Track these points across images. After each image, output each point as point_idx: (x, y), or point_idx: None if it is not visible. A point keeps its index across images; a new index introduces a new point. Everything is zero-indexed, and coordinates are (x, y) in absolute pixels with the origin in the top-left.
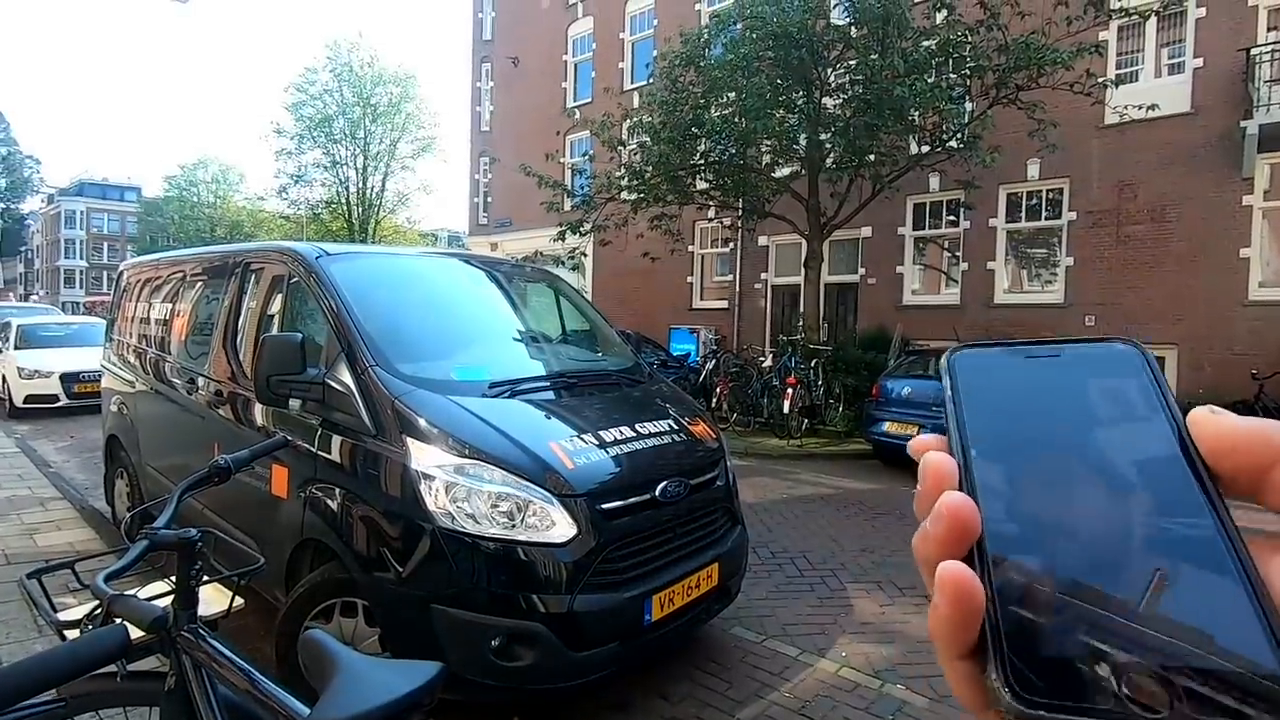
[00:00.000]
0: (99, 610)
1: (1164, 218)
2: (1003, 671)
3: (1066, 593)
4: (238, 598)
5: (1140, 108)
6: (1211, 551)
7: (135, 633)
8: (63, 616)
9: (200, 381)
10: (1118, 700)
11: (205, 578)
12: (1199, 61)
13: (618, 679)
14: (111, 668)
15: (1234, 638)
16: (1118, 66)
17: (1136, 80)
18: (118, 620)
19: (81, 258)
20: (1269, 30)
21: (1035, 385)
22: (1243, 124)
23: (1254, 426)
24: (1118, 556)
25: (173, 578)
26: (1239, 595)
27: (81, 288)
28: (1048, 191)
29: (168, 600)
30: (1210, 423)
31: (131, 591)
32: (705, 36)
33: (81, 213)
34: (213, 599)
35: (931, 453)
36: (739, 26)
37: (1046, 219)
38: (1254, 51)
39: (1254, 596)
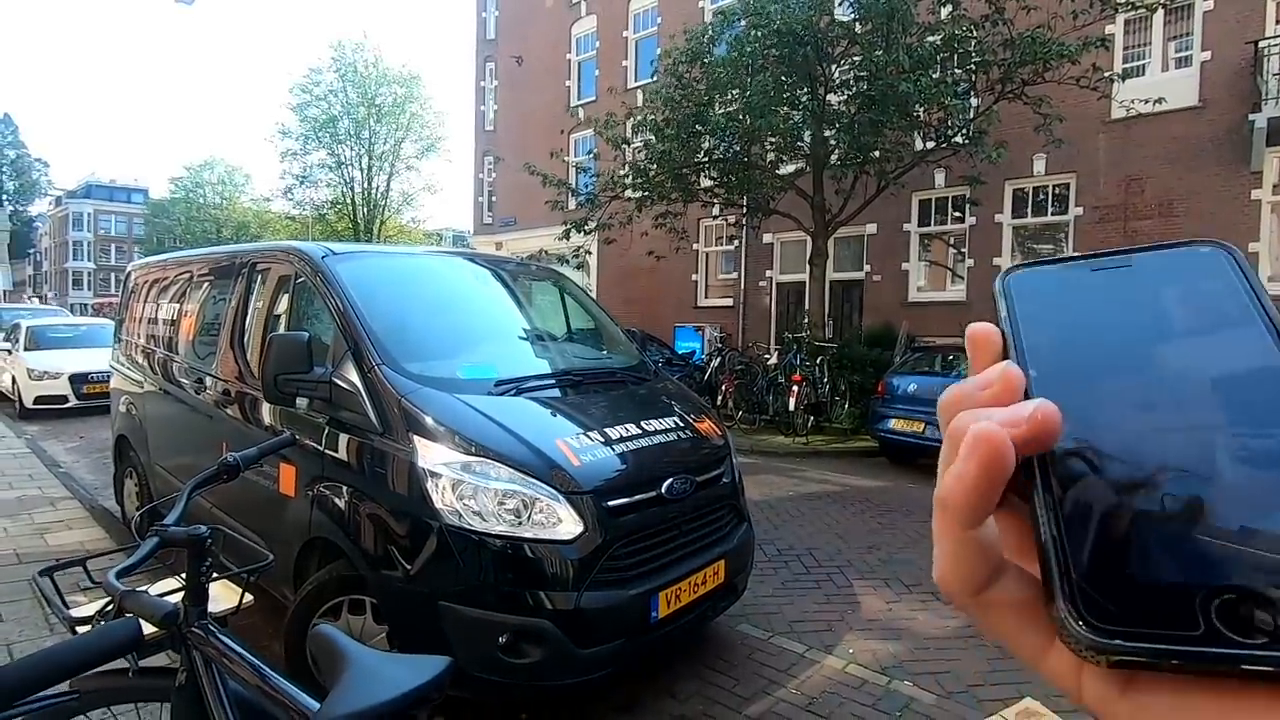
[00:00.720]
0: (110, 606)
1: (1172, 213)
2: (1070, 599)
3: (1145, 512)
4: (247, 594)
5: (1147, 102)
6: None
7: (147, 628)
8: (75, 613)
9: (208, 381)
10: (1208, 627)
11: (215, 574)
12: (1206, 55)
13: (625, 676)
14: (123, 663)
15: None
16: (1124, 60)
17: (1143, 74)
18: (129, 616)
19: (89, 259)
20: (1278, 23)
21: (1103, 300)
22: (1251, 117)
23: None
24: (1204, 473)
25: (183, 575)
26: None
27: (90, 289)
28: (1054, 187)
29: (178, 596)
30: None
31: (142, 588)
32: (709, 34)
33: (89, 215)
34: (222, 596)
35: (1010, 364)
36: (743, 23)
37: (1053, 215)
38: (1262, 44)
39: None
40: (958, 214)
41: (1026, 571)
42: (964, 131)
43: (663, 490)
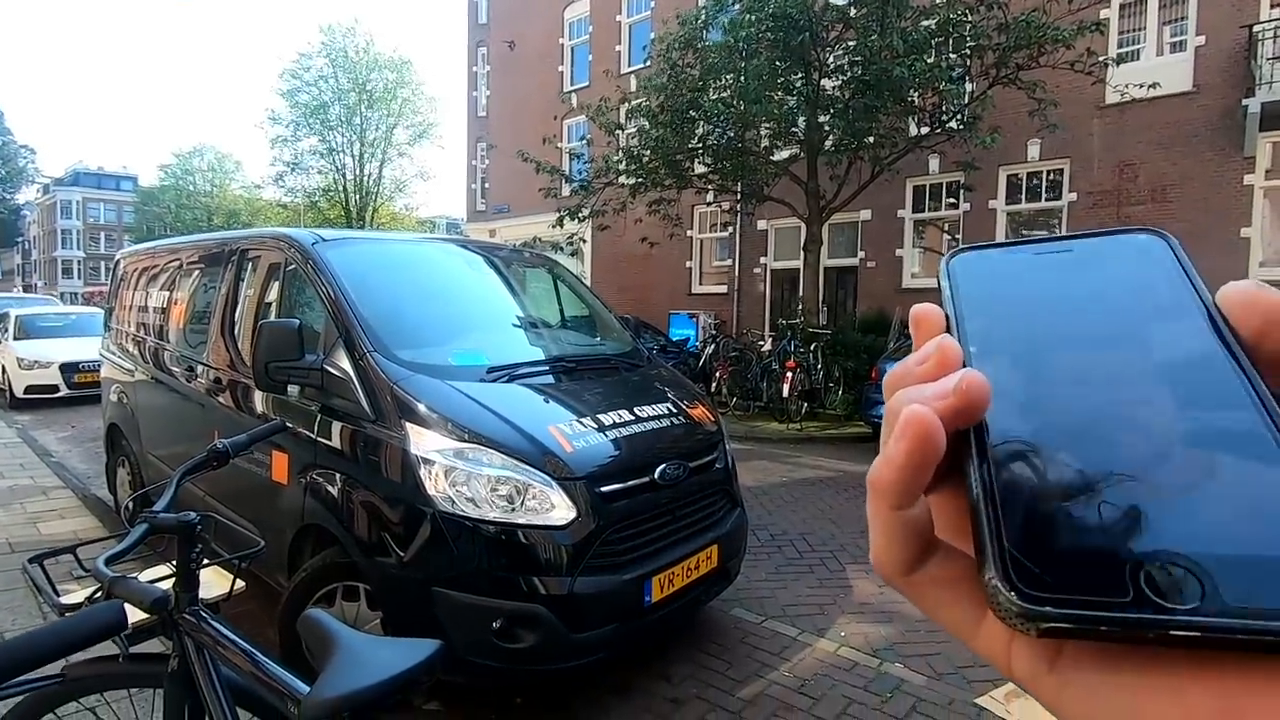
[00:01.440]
0: (100, 593)
1: (1165, 198)
2: (1001, 567)
3: (1075, 481)
4: (239, 580)
5: (1141, 87)
6: (1249, 437)
7: (137, 615)
8: (65, 600)
9: (199, 369)
10: (1137, 594)
11: (206, 561)
12: (1201, 39)
13: (619, 660)
14: (114, 650)
15: (1274, 523)
16: (1119, 45)
17: (1138, 59)
18: (117, 600)
19: (79, 248)
20: (1272, 7)
21: (1043, 282)
22: (1244, 102)
23: None
24: (1135, 445)
25: (173, 561)
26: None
27: (79, 278)
28: (1048, 172)
29: (169, 583)
30: (1251, 298)
31: (133, 575)
32: (703, 18)
33: (77, 203)
34: (214, 582)
35: (946, 336)
36: (737, 8)
37: (1047, 200)
38: (1256, 29)
39: None
40: (952, 200)
41: (958, 549)
42: (958, 117)
43: (656, 476)
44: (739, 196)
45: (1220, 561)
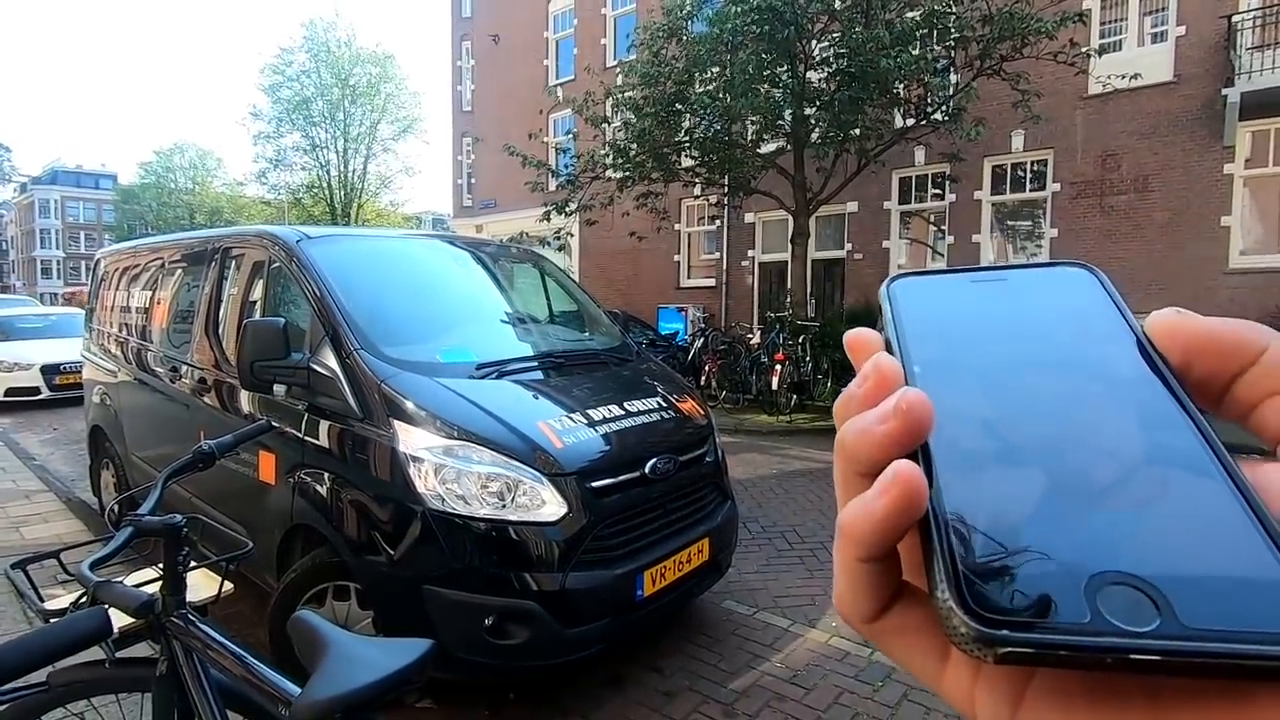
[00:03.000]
0: (85, 598)
1: (1147, 187)
2: (955, 591)
3: (1025, 506)
4: (227, 583)
5: (1123, 77)
6: (1190, 459)
7: (123, 620)
8: (49, 606)
9: (183, 369)
10: (1095, 615)
11: (193, 563)
12: (1181, 30)
13: (611, 654)
14: (100, 655)
15: (1225, 544)
16: (1101, 35)
17: (1120, 49)
18: (102, 606)
19: (58, 248)
20: None
21: (981, 308)
22: (1224, 92)
23: (1221, 327)
24: (1085, 468)
25: (160, 565)
26: (1225, 500)
27: (59, 278)
28: (1032, 163)
29: (156, 587)
30: (1176, 324)
31: (119, 579)
32: (687, 9)
33: (56, 202)
34: (202, 585)
35: (882, 354)
36: (721, 0)
37: (1031, 191)
38: (1235, 19)
39: (1244, 501)
40: (937, 191)
41: (923, 593)
42: (943, 108)
43: (646, 470)
44: (726, 189)
45: (1174, 583)
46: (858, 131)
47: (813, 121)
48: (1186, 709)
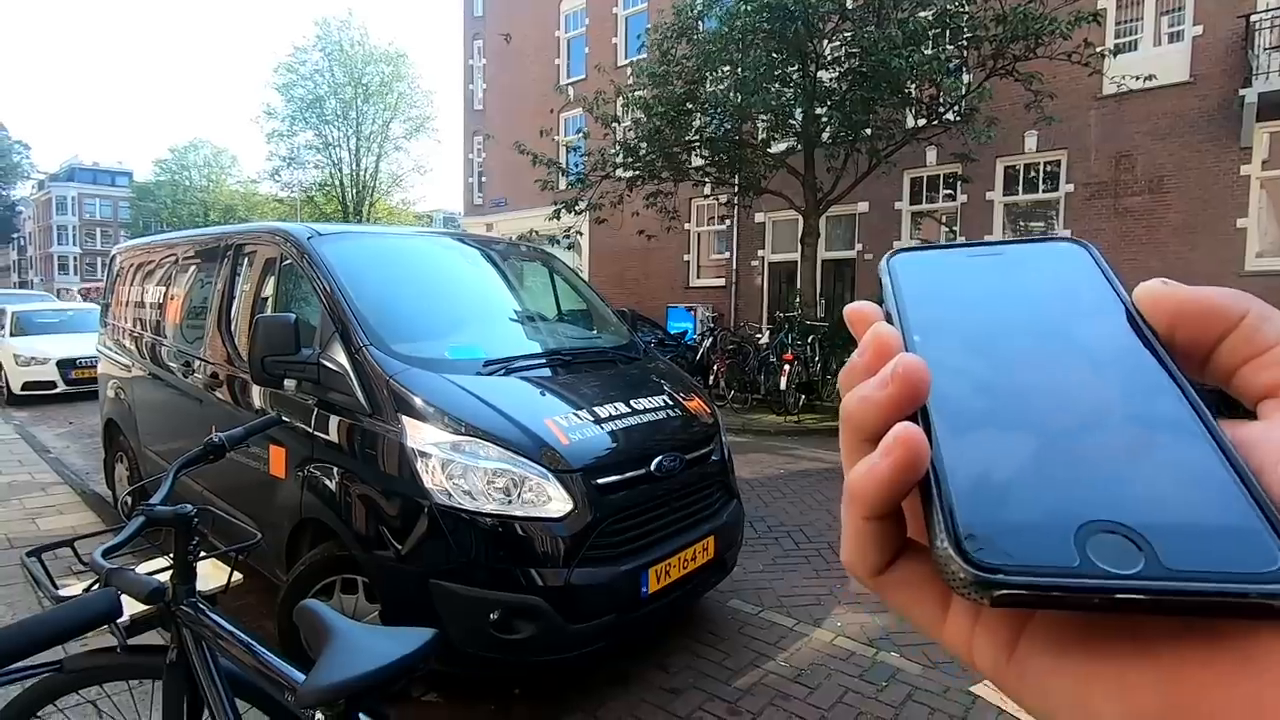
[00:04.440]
0: (97, 585)
1: (1162, 188)
2: (952, 539)
3: (1018, 461)
4: (236, 573)
5: (1138, 78)
6: (1174, 417)
7: (134, 607)
8: (64, 593)
9: (196, 364)
10: (1084, 559)
11: (203, 553)
12: (1198, 29)
13: (616, 651)
14: (112, 642)
15: (1205, 494)
16: (1116, 35)
17: (1135, 49)
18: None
19: (75, 244)
20: None
21: (978, 280)
22: (1241, 92)
23: (1202, 295)
24: (1075, 426)
25: (170, 554)
26: (1206, 455)
27: (76, 274)
28: (1045, 164)
29: (166, 575)
30: (1161, 294)
31: (130, 567)
32: (698, 8)
33: (73, 198)
34: (212, 575)
35: (880, 323)
36: None
37: (1044, 192)
38: (1254, 18)
39: (1223, 455)
40: (949, 192)
41: (925, 549)
42: (955, 108)
43: (652, 468)
44: (736, 189)
45: (1157, 529)
46: (869, 131)
47: (824, 121)
48: (1170, 648)
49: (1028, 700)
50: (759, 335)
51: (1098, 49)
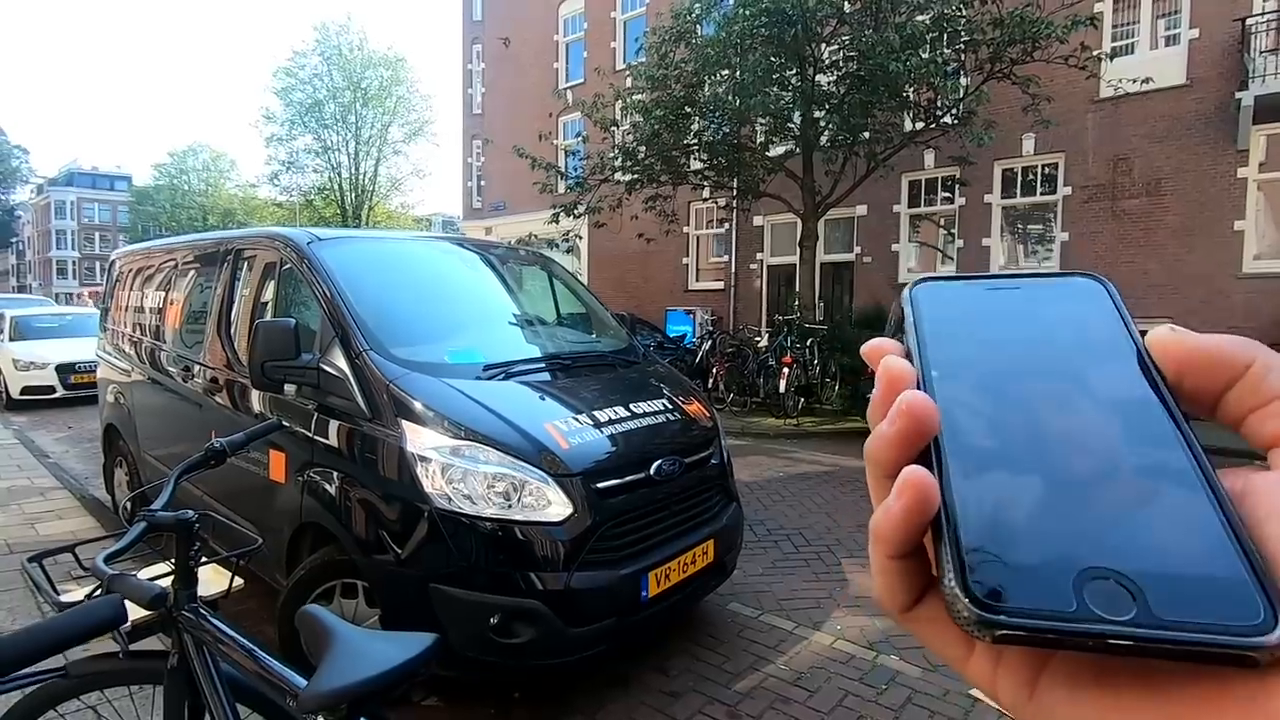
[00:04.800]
0: (99, 590)
1: (1159, 191)
2: (960, 578)
3: (1025, 503)
4: (237, 578)
5: (1135, 81)
6: (1175, 468)
7: (137, 612)
8: (65, 598)
9: (196, 369)
10: (1080, 604)
11: (204, 559)
12: (1195, 32)
13: (617, 655)
14: (114, 648)
15: (1198, 545)
16: (1113, 39)
17: (1132, 52)
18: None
19: (73, 248)
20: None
21: (996, 315)
22: (1238, 95)
23: (1210, 343)
24: (1078, 472)
25: (172, 560)
26: (1202, 507)
27: (75, 278)
28: (1043, 167)
29: (168, 581)
30: (1170, 342)
31: (131, 572)
32: (695, 13)
33: (72, 203)
34: (212, 580)
35: (890, 357)
36: (731, 2)
37: (1042, 194)
38: (1250, 21)
39: (1219, 508)
40: (947, 195)
41: None
42: (953, 112)
43: (652, 471)
44: (735, 193)
45: (1150, 578)
46: (867, 135)
47: (822, 124)
48: (1180, 691)
49: None
50: (758, 338)
51: (1094, 52)
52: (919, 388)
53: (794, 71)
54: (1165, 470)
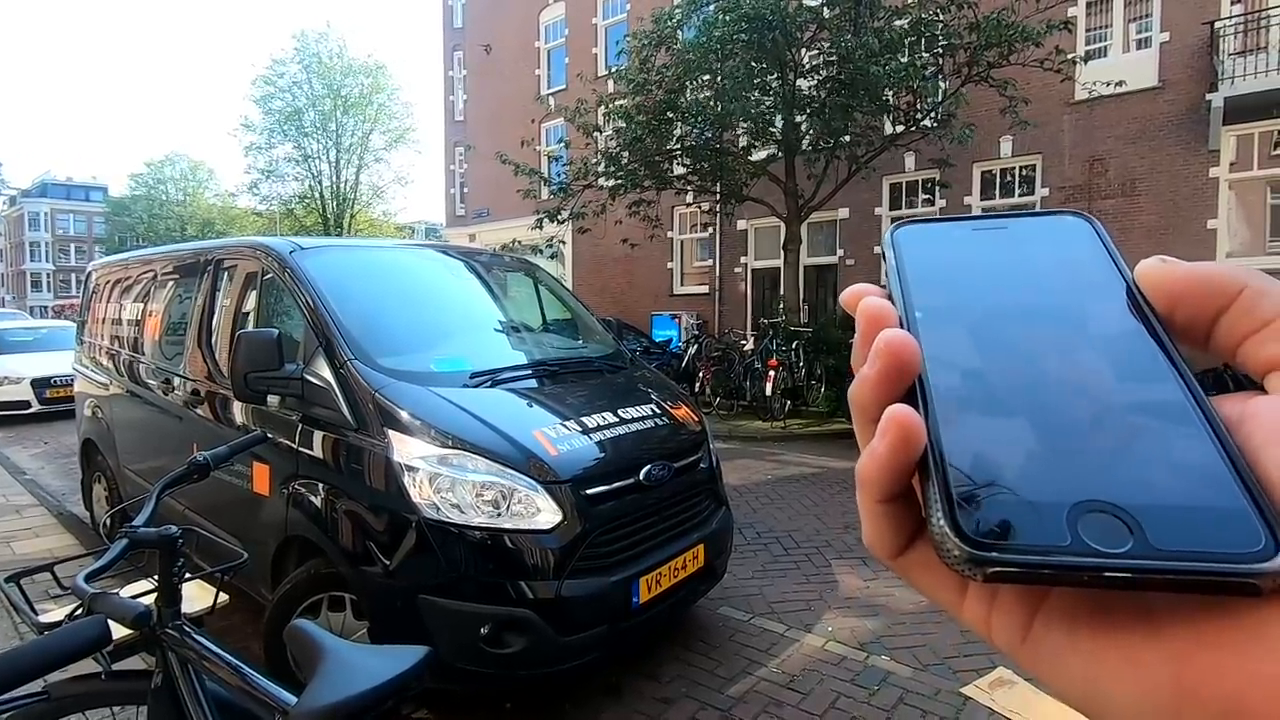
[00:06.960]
0: (80, 610)
1: (1134, 191)
2: (949, 517)
3: (1015, 440)
4: (222, 594)
5: (1109, 84)
6: (1168, 399)
7: (119, 631)
8: (44, 619)
9: (176, 382)
10: (1075, 538)
11: (188, 575)
12: (1165, 36)
13: (608, 662)
14: (96, 668)
15: (1195, 476)
16: (1087, 42)
17: (1105, 55)
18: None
19: (48, 260)
20: (1233, 3)
21: (982, 255)
22: (1209, 97)
23: (1200, 271)
24: (1069, 408)
25: (155, 576)
26: (1198, 437)
27: (49, 291)
28: (1021, 169)
29: (151, 598)
30: (1160, 272)
31: (114, 591)
32: (676, 19)
33: (46, 214)
34: (197, 596)
35: (869, 298)
36: (711, 8)
37: (1020, 196)
38: (1218, 25)
39: (1215, 438)
40: (927, 197)
41: None
42: (932, 114)
43: (641, 477)
44: (718, 197)
45: (1147, 510)
46: (848, 138)
47: (804, 128)
48: (1181, 627)
49: (1045, 678)
50: (744, 342)
51: (1069, 56)
52: (904, 326)
53: (774, 76)
54: (1159, 402)
